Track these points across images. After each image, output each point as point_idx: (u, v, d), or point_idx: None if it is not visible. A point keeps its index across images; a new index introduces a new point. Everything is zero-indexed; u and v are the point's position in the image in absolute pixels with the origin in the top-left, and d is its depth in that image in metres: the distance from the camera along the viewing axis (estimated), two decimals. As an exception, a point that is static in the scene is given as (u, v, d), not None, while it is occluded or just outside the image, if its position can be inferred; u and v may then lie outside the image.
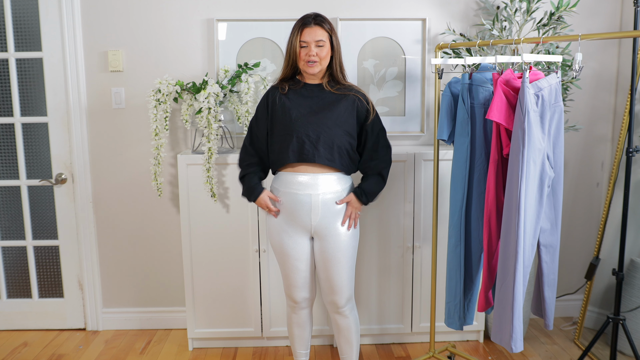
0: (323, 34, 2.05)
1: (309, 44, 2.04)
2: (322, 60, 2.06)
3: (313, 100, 2.09)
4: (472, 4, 2.79)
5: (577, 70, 1.89)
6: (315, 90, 2.11)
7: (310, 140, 2.04)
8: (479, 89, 2.12)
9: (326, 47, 2.06)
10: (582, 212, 3.04)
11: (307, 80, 2.14)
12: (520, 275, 1.92)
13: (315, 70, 2.06)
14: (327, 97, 2.10)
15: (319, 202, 2.06)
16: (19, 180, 2.87)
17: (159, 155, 2.61)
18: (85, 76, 2.78)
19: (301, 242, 2.13)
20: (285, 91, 2.12)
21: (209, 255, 2.64)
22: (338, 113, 2.07)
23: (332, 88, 2.11)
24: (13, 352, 2.74)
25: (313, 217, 2.08)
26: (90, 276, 2.93)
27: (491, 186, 2.04)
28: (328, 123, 2.05)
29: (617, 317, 2.37)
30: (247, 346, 2.77)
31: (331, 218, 2.09)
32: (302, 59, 2.06)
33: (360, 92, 2.14)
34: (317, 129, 2.04)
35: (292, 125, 2.05)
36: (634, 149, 2.32)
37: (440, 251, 2.61)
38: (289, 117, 2.07)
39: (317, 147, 2.04)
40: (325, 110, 2.07)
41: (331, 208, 2.08)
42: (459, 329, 2.31)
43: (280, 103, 2.10)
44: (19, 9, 2.74)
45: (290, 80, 2.16)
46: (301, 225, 2.10)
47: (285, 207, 2.10)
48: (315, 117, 2.06)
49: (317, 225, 2.09)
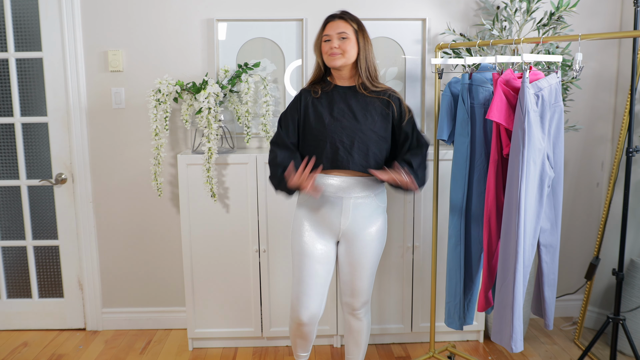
0: (346, 27, 1.99)
1: (331, 37, 1.99)
2: (346, 53, 1.98)
3: (346, 104, 2.02)
4: (472, 4, 2.79)
5: (577, 70, 1.89)
6: (348, 93, 2.04)
7: (345, 146, 1.98)
8: (479, 89, 2.12)
9: (350, 41, 1.98)
10: (582, 212, 3.04)
11: (338, 82, 2.07)
12: (520, 275, 1.92)
13: (337, 62, 1.98)
14: (360, 100, 2.03)
15: (350, 206, 2.02)
16: (19, 180, 2.87)
17: (159, 155, 2.61)
18: (85, 76, 2.78)
19: (327, 245, 2.07)
20: (318, 94, 2.06)
21: (209, 255, 2.64)
22: (372, 117, 2.01)
23: (365, 90, 2.03)
24: (13, 352, 2.74)
25: (343, 220, 2.03)
26: (90, 276, 2.93)
27: (491, 186, 2.04)
28: (362, 128, 1.99)
29: (617, 317, 2.37)
30: (247, 346, 2.77)
31: (361, 222, 2.04)
32: (325, 51, 2.01)
33: (394, 94, 2.07)
34: (351, 135, 1.99)
35: (325, 131, 1.99)
36: (634, 149, 2.32)
37: (440, 251, 2.61)
38: (321, 122, 2.01)
39: (351, 154, 1.98)
40: (359, 115, 2.00)
41: (362, 212, 2.04)
42: (459, 329, 2.31)
43: (312, 107, 2.04)
44: (19, 9, 2.74)
45: (321, 83, 2.10)
46: (329, 228, 2.05)
47: (315, 208, 2.06)
48: (348, 122, 2.00)
49: (347, 229, 2.04)
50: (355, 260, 2.07)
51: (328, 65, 2.03)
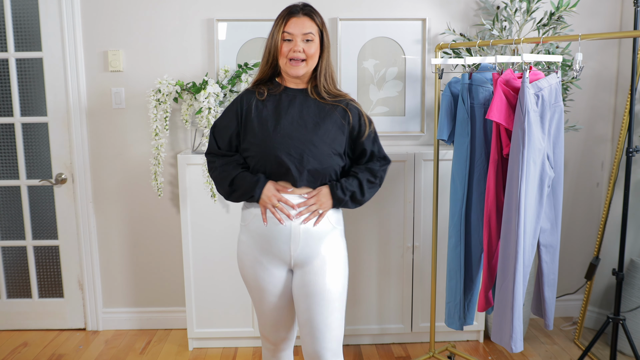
0: (312, 27, 1.69)
1: (294, 37, 1.67)
2: (310, 60, 1.69)
3: (296, 109, 1.71)
4: (472, 4, 2.79)
5: (577, 70, 1.89)
6: (299, 97, 1.73)
7: (292, 160, 1.66)
8: (479, 89, 2.12)
9: (315, 44, 1.69)
10: (582, 212, 3.04)
11: (289, 84, 1.76)
12: (520, 275, 1.92)
13: (300, 72, 1.69)
14: (312, 106, 1.72)
15: (300, 231, 1.69)
16: (19, 180, 2.87)
17: (159, 155, 2.61)
18: (85, 76, 2.78)
19: (278, 274, 1.75)
20: (263, 97, 1.73)
21: (209, 255, 2.64)
22: (326, 128, 1.69)
23: (318, 96, 1.73)
24: (13, 352, 2.74)
25: (293, 247, 1.70)
26: (90, 276, 2.93)
27: (491, 186, 2.04)
28: (314, 140, 1.67)
29: (617, 317, 2.37)
30: (247, 346, 2.77)
31: (314, 246, 1.71)
32: (284, 55, 1.68)
33: (352, 102, 1.78)
34: (300, 147, 1.66)
35: (270, 141, 1.67)
36: (634, 149, 2.32)
37: (440, 251, 2.61)
38: (266, 130, 1.68)
39: (298, 169, 1.66)
40: (309, 124, 1.69)
41: (314, 235, 1.71)
42: (459, 329, 2.31)
43: (256, 112, 1.72)
44: (19, 9, 2.74)
45: (268, 83, 1.78)
46: (278, 256, 1.72)
47: (261, 234, 1.73)
48: (298, 131, 1.67)
49: (298, 256, 1.71)
50: (312, 290, 1.70)
51: (287, 73, 1.71)
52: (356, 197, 1.75)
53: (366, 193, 1.76)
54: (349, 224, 2.62)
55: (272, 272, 1.74)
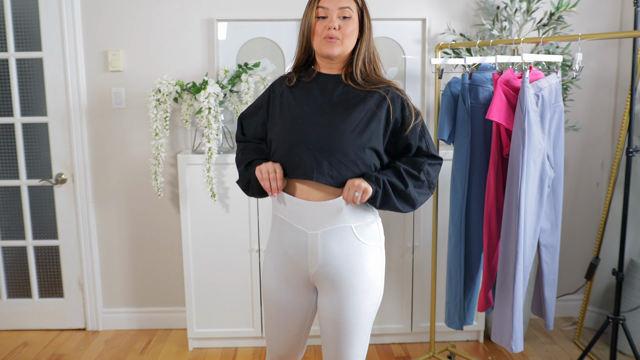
0: (351, 2, 1.48)
1: (329, 12, 1.46)
2: (345, 39, 1.47)
3: (325, 96, 1.50)
4: (472, 4, 2.79)
5: (577, 70, 1.89)
6: (330, 83, 1.52)
7: (310, 148, 1.44)
8: (479, 89, 2.12)
9: (353, 22, 1.48)
10: (582, 212, 3.04)
11: (322, 69, 1.55)
12: (520, 275, 1.92)
13: (335, 51, 1.46)
14: (344, 93, 1.49)
15: (318, 242, 1.46)
16: (19, 180, 2.87)
17: (159, 155, 2.61)
18: (85, 76, 2.78)
19: (295, 292, 1.55)
20: (292, 83, 1.56)
21: (209, 255, 2.64)
22: (356, 116, 1.46)
23: (353, 82, 1.50)
24: (13, 352, 2.74)
25: (311, 262, 1.48)
26: (90, 276, 2.93)
27: (491, 186, 2.04)
28: (339, 128, 1.44)
29: (617, 317, 2.37)
30: (247, 346, 2.77)
31: (338, 266, 1.46)
32: (319, 33, 1.47)
33: (396, 90, 1.52)
34: (322, 134, 1.44)
35: (288, 127, 1.49)
36: (634, 149, 2.32)
37: (440, 251, 2.61)
38: (287, 115, 1.51)
39: (318, 160, 1.44)
40: (337, 110, 1.47)
41: (337, 250, 1.46)
42: (459, 329, 2.31)
43: (281, 99, 1.56)
44: (19, 9, 2.74)
45: (303, 70, 1.59)
46: (296, 271, 1.52)
47: (280, 240, 1.54)
48: (322, 118, 1.46)
49: (318, 273, 1.49)
50: (335, 319, 1.49)
51: (321, 53, 1.50)
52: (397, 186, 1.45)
53: (409, 184, 1.47)
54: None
55: (286, 288, 1.55)
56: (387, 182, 1.44)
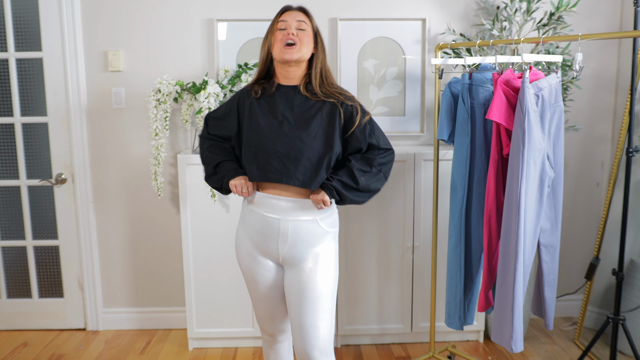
0: (305, 19, 1.75)
1: (287, 25, 1.71)
2: (303, 45, 1.70)
3: (287, 106, 1.72)
4: (472, 4, 2.79)
5: (577, 70, 1.89)
6: (290, 94, 1.74)
7: (279, 156, 1.67)
8: (479, 89, 2.12)
9: (308, 35, 1.73)
10: (582, 212, 3.04)
11: (282, 82, 1.77)
12: (520, 275, 1.92)
13: (294, 55, 1.68)
14: (304, 103, 1.72)
15: (289, 229, 1.71)
16: (19, 180, 2.87)
17: (159, 155, 2.61)
18: (85, 76, 2.78)
19: (269, 268, 1.79)
20: (258, 95, 1.76)
21: (209, 255, 2.64)
22: (315, 125, 1.69)
23: (309, 93, 1.74)
24: (13, 352, 2.74)
25: (281, 245, 1.73)
26: (90, 276, 2.93)
27: (491, 186, 2.04)
28: (302, 136, 1.67)
29: (617, 317, 2.37)
30: (247, 346, 2.77)
31: (303, 248, 1.73)
32: (278, 40, 1.71)
33: (347, 95, 1.76)
34: (289, 143, 1.67)
35: (259, 138, 1.70)
36: (634, 149, 2.32)
37: (440, 251, 2.61)
38: (256, 127, 1.72)
39: (286, 165, 1.67)
40: (300, 120, 1.70)
41: (303, 237, 1.72)
42: (460, 329, 2.31)
43: (249, 110, 1.76)
44: (19, 9, 2.74)
45: (264, 82, 1.81)
46: (268, 252, 1.77)
47: (253, 229, 1.77)
48: (287, 128, 1.69)
49: (286, 254, 1.74)
50: (301, 291, 1.72)
51: (281, 59, 1.70)
52: (350, 185, 1.70)
53: (360, 181, 1.70)
54: (350, 223, 2.62)
55: (263, 265, 1.79)
56: (341, 186, 1.69)
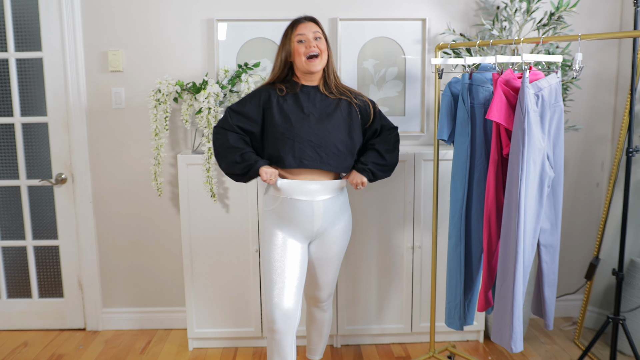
0: (318, 28, 2.01)
1: (306, 37, 1.97)
2: (323, 54, 1.99)
3: (310, 102, 2.02)
4: (472, 4, 2.79)
5: (577, 70, 1.89)
6: (311, 92, 2.04)
7: (312, 145, 1.97)
8: (479, 89, 2.12)
9: (323, 41, 2.01)
10: (582, 212, 3.04)
11: (304, 82, 2.06)
12: (520, 275, 1.92)
13: (318, 66, 1.99)
14: (324, 99, 2.04)
15: (321, 209, 2.01)
16: (19, 180, 2.87)
17: (159, 155, 2.61)
18: (85, 76, 2.78)
19: (301, 247, 2.06)
20: (283, 93, 2.03)
21: (209, 255, 2.64)
22: (337, 116, 2.01)
23: (328, 91, 2.06)
24: (13, 352, 2.74)
25: (315, 223, 2.02)
26: (90, 276, 2.93)
27: (491, 186, 2.04)
28: (328, 127, 1.99)
29: (617, 317, 2.37)
30: (247, 346, 2.77)
31: (330, 221, 2.06)
32: (302, 54, 1.98)
33: (355, 92, 2.12)
34: (319, 134, 1.97)
35: (293, 129, 1.96)
36: (634, 149, 2.32)
37: (440, 251, 2.61)
38: (289, 120, 1.97)
39: (319, 153, 1.97)
40: (323, 114, 2.01)
41: (331, 211, 2.05)
42: (460, 329, 2.31)
43: (278, 106, 2.01)
44: (19, 9, 2.74)
45: (284, 82, 2.08)
46: (302, 232, 2.04)
47: (284, 215, 2.02)
48: (314, 121, 1.99)
49: (319, 228, 2.05)
50: (323, 257, 2.11)
51: (307, 70, 2.00)
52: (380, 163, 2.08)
53: (387, 158, 2.10)
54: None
55: (294, 244, 2.03)
56: (375, 167, 2.08)
